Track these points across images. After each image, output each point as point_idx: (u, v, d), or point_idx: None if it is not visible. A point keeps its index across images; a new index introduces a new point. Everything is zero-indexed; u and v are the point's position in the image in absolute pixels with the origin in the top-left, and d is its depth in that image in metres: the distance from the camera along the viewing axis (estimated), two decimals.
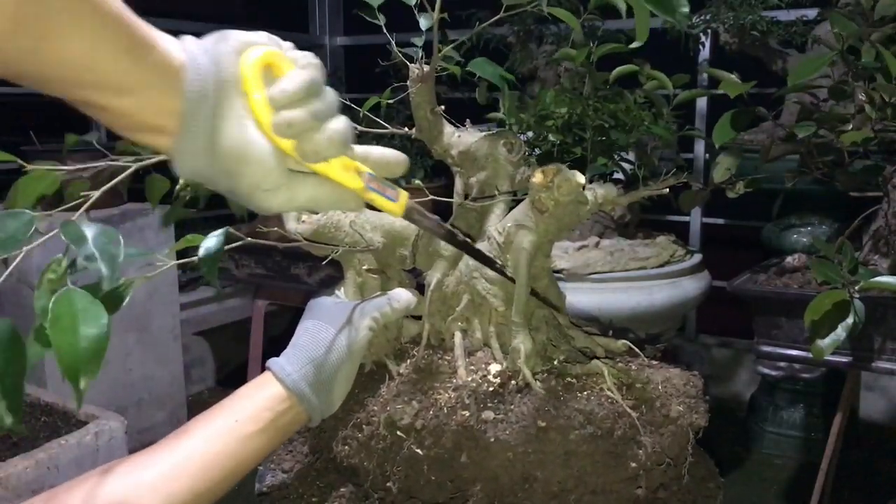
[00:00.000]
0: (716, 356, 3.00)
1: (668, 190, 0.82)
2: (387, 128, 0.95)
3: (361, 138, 0.88)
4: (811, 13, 2.15)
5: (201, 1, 3.99)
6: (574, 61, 1.65)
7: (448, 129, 0.89)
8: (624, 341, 0.89)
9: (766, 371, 2.44)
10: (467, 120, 0.93)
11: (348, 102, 1.01)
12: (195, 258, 0.70)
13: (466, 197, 0.92)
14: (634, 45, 0.75)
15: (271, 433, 0.76)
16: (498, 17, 0.81)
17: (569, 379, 0.83)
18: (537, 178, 0.78)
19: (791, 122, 1.48)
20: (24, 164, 0.64)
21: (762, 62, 2.18)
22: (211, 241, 0.63)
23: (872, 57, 1.26)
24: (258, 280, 2.41)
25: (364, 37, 3.75)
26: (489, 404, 0.80)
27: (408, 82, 0.84)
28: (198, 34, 0.56)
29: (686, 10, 0.60)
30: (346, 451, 0.86)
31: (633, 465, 0.77)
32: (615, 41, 1.64)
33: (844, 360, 1.48)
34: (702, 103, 2.79)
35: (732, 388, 2.94)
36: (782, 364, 2.35)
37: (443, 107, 0.87)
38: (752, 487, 2.33)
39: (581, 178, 0.77)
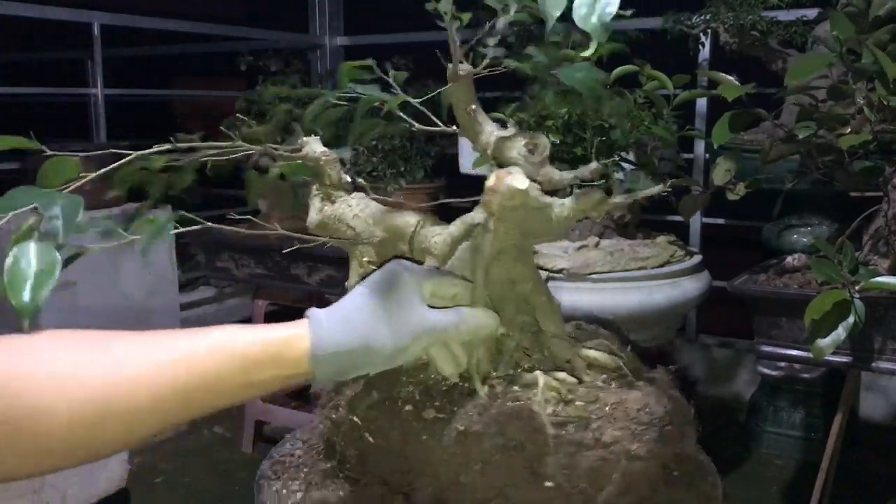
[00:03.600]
0: (716, 356, 3.00)
1: (667, 192, 0.82)
2: (438, 125, 0.93)
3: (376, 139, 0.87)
4: (811, 13, 2.16)
5: (202, 1, 3.99)
6: (574, 61, 1.65)
7: (488, 127, 0.87)
8: (615, 358, 0.86)
9: (767, 371, 2.44)
10: (510, 119, 0.91)
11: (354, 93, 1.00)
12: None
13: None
14: (587, 52, 0.69)
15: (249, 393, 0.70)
16: (499, 18, 0.81)
17: (516, 388, 0.81)
18: (490, 179, 0.77)
19: (791, 122, 1.48)
20: (46, 150, 0.66)
21: (762, 62, 2.18)
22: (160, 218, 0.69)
23: (871, 59, 1.26)
24: (258, 280, 2.41)
25: (364, 37, 3.76)
26: (436, 403, 0.80)
27: (448, 79, 0.82)
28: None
29: (611, 9, 0.58)
30: (323, 428, 0.89)
31: (549, 484, 0.75)
32: (615, 41, 1.64)
33: (844, 360, 1.48)
34: (702, 103, 2.80)
35: (732, 389, 2.94)
36: (782, 364, 2.35)
37: (474, 106, 0.85)
38: (752, 487, 2.33)
39: (521, 184, 0.74)
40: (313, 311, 0.71)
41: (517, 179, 0.75)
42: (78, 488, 1.71)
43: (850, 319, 1.20)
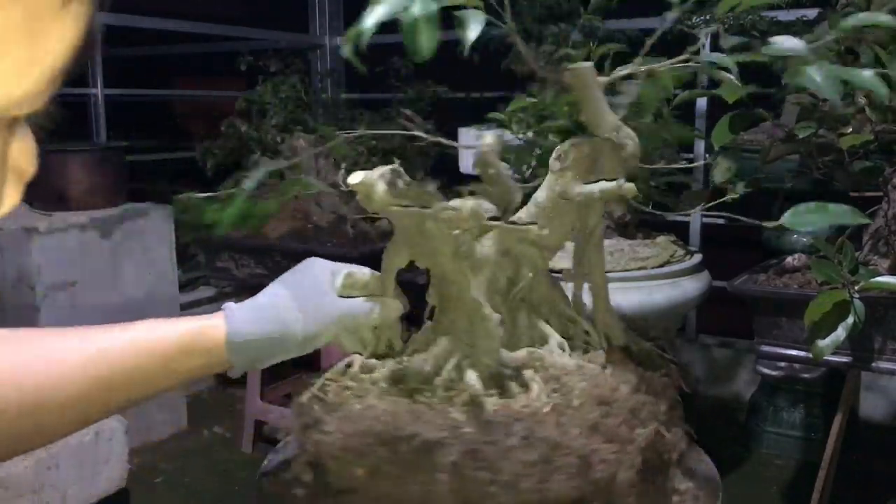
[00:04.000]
0: (716, 356, 3.00)
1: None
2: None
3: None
4: (811, 13, 2.16)
5: (202, 1, 3.99)
6: (574, 61, 1.65)
7: (609, 119, 0.86)
8: (480, 385, 0.82)
9: (766, 371, 2.44)
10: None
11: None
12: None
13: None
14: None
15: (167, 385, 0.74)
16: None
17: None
18: None
19: (791, 122, 1.48)
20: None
21: (762, 62, 2.18)
22: None
23: (871, 59, 1.26)
24: (258, 280, 2.41)
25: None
26: (359, 375, 0.87)
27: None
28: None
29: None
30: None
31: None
32: (615, 41, 1.64)
33: (844, 360, 1.48)
34: (702, 103, 2.80)
35: (732, 388, 2.94)
36: (782, 364, 2.35)
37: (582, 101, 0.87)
38: (752, 487, 2.33)
39: (352, 180, 0.75)
40: (228, 304, 0.77)
41: (354, 175, 0.76)
42: (78, 488, 1.71)
43: (850, 319, 1.20)
